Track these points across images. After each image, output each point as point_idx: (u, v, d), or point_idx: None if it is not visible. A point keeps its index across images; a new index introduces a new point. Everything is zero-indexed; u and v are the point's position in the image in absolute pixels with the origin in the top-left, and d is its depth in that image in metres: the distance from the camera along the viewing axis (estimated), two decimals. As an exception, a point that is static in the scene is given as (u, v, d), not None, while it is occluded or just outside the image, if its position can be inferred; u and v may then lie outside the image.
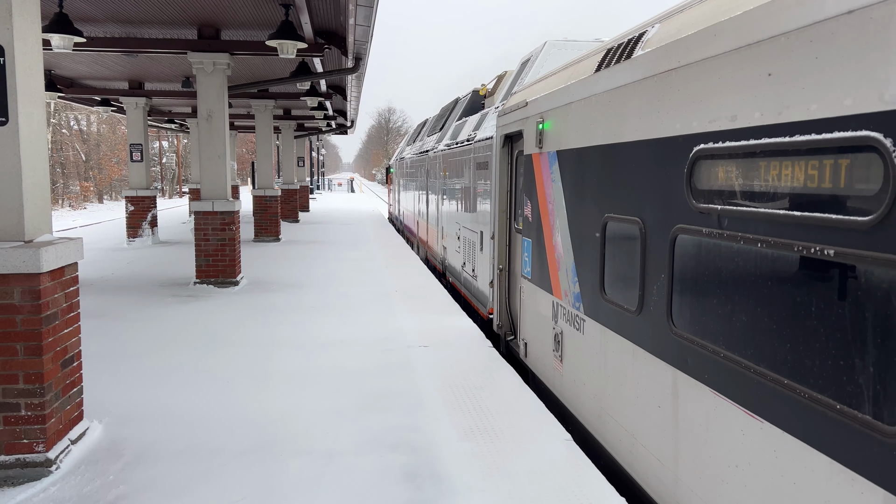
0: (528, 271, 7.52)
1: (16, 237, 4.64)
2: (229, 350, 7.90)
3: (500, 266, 9.06)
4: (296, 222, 27.43)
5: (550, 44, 10.38)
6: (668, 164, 4.12)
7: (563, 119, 6.25)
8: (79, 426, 5.20)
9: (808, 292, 2.95)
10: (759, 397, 3.24)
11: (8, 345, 4.55)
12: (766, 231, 3.20)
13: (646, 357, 4.47)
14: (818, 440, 2.86)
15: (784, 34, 3.05)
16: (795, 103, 2.99)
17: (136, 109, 19.65)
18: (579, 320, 5.84)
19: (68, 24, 9.93)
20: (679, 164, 3.97)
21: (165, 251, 17.93)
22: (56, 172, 48.61)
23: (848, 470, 2.68)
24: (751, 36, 3.31)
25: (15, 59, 4.52)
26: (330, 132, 35.19)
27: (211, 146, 12.13)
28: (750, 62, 3.32)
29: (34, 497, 4.37)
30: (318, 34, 11.85)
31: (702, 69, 3.76)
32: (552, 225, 6.59)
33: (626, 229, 4.83)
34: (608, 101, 5.16)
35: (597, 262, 5.38)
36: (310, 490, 4.45)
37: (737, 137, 3.40)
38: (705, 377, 3.72)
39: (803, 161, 2.98)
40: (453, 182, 13.83)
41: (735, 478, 3.44)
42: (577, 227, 5.88)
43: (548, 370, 6.82)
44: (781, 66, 3.07)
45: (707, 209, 3.68)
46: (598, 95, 5.36)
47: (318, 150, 69.09)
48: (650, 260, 4.40)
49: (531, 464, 4.86)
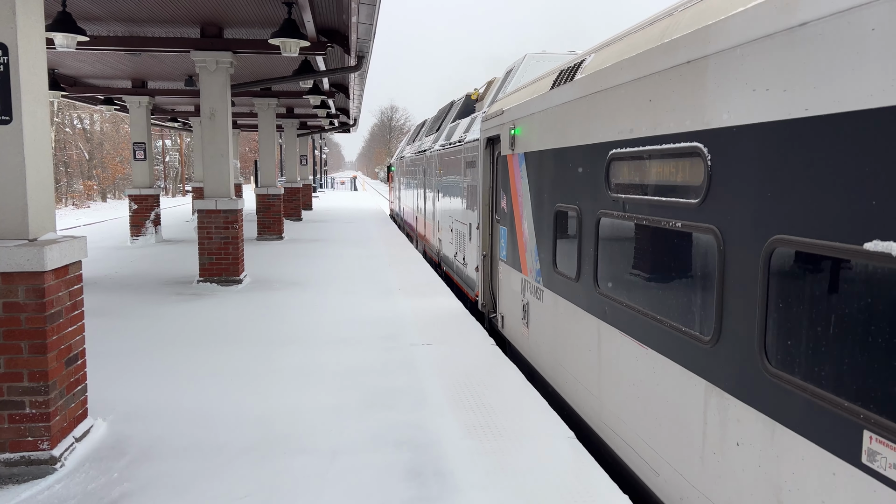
0: (504, 255, 8.86)
1: (20, 236, 4.65)
2: (233, 348, 7.92)
3: (484, 252, 10.25)
4: (299, 220, 27.46)
5: (530, 56, 11.65)
6: (595, 163, 5.44)
7: (529, 126, 7.50)
8: (83, 424, 5.22)
9: (669, 254, 4.32)
10: (644, 331, 4.56)
11: (12, 343, 4.56)
12: (647, 212, 4.50)
13: (582, 314, 5.83)
14: (672, 353, 4.20)
15: (658, 72, 4.36)
16: (664, 121, 4.28)
17: (139, 108, 19.68)
18: (539, 291, 7.21)
19: (71, 23, 9.95)
20: (600, 164, 5.29)
21: (169, 249, 17.97)
22: (59, 171, 48.73)
23: (688, 371, 4.01)
24: (639, 72, 4.61)
25: (19, 58, 4.53)
26: (333, 130, 35.20)
27: (214, 145, 12.14)
28: (640, 90, 4.62)
29: (39, 494, 4.39)
30: (320, 32, 11.85)
31: (614, 93, 5.06)
32: (521, 215, 7.84)
33: (569, 215, 6.16)
34: (558, 113, 6.43)
35: (551, 243, 6.72)
36: (314, 487, 4.46)
37: (633, 144, 4.70)
38: (616, 322, 5.06)
39: (667, 162, 4.34)
40: (447, 179, 15.02)
41: (634, 393, 4.74)
42: (539, 216, 7.17)
43: (519, 336, 8.20)
44: (656, 95, 4.38)
45: (617, 197, 5.00)
46: (552, 108, 6.63)
47: (320, 148, 69.13)
48: (584, 238, 5.72)
49: (535, 461, 4.87)
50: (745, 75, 3.44)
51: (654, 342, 4.44)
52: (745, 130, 3.45)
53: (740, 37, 3.48)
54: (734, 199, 3.54)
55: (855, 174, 2.74)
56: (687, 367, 4.03)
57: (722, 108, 3.65)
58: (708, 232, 3.76)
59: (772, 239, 3.22)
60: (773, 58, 3.22)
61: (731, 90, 3.57)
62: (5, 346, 4.56)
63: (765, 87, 3.29)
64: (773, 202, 3.23)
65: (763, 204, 3.31)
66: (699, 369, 3.90)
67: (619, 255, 5.12)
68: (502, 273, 9.02)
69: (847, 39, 2.77)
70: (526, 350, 7.81)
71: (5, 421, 4.62)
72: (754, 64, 3.37)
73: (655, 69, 4.37)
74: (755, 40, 3.36)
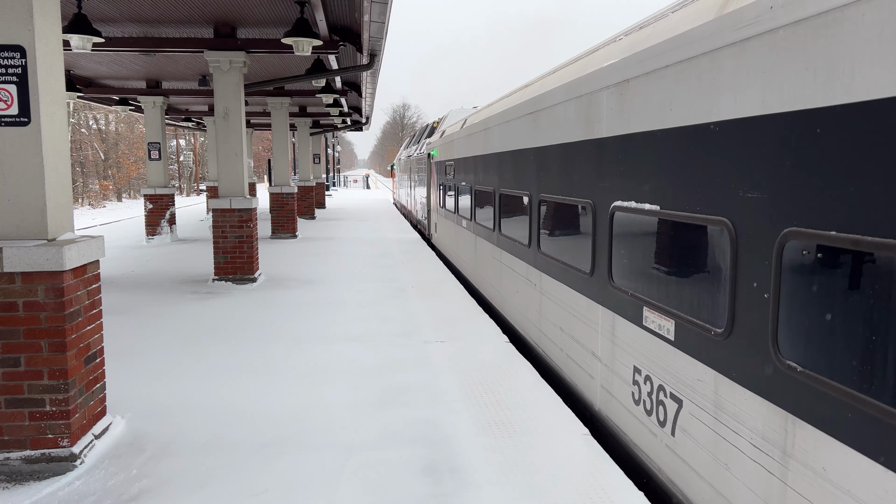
0: (433, 206, 18.95)
1: (39, 236, 4.71)
2: (248, 345, 7.98)
3: (429, 208, 20.12)
4: (312, 219, 27.56)
5: (453, 111, 20.43)
6: (454, 167, 12.73)
7: (438, 150, 16.70)
8: (102, 421, 5.28)
9: (483, 200, 10.27)
10: (466, 222, 10.92)
11: (33, 341, 4.63)
12: (468, 181, 10.23)
13: (448, 223, 12.74)
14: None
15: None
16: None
17: (153, 108, 19.83)
18: (439, 216, 16.92)
19: (87, 25, 10.05)
20: (455, 166, 11.79)
21: (184, 248, 18.10)
22: (76, 171, 49.20)
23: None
24: (486, 125, 9.27)
25: (37, 60, 4.58)
26: (345, 129, 35.27)
27: (228, 144, 12.22)
28: (485, 134, 10.07)
29: (60, 491, 4.45)
30: (332, 31, 11.89)
31: (475, 136, 10.59)
32: (435, 188, 17.73)
33: (447, 186, 14.68)
34: (448, 144, 14.49)
35: (442, 198, 16.15)
36: (330, 483, 4.50)
37: (473, 158, 10.85)
38: (458, 220, 12.23)
39: (484, 162, 9.81)
40: (418, 175, 24.48)
41: (469, 254, 11.20)
42: (439, 188, 16.57)
43: (435, 239, 18.30)
44: (492, 135, 9.28)
45: (458, 181, 11.98)
46: (446, 143, 15.01)
47: (333, 146, 69.28)
48: (448, 195, 12.56)
49: (549, 458, 4.87)
50: (526, 126, 7.92)
51: (469, 225, 11.06)
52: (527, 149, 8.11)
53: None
54: (501, 178, 8.78)
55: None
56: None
57: (508, 140, 8.72)
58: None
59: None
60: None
61: (515, 132, 8.39)
62: (26, 344, 4.63)
63: (523, 133, 8.35)
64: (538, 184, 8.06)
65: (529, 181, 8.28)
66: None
67: (462, 200, 12.51)
68: (431, 213, 19.80)
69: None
70: (438, 244, 17.83)
71: (26, 418, 4.69)
72: (520, 124, 8.25)
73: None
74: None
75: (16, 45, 4.55)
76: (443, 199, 16.05)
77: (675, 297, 4.31)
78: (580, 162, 6.08)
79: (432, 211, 19.14)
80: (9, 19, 4.53)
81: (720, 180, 3.74)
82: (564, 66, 7.09)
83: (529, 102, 7.68)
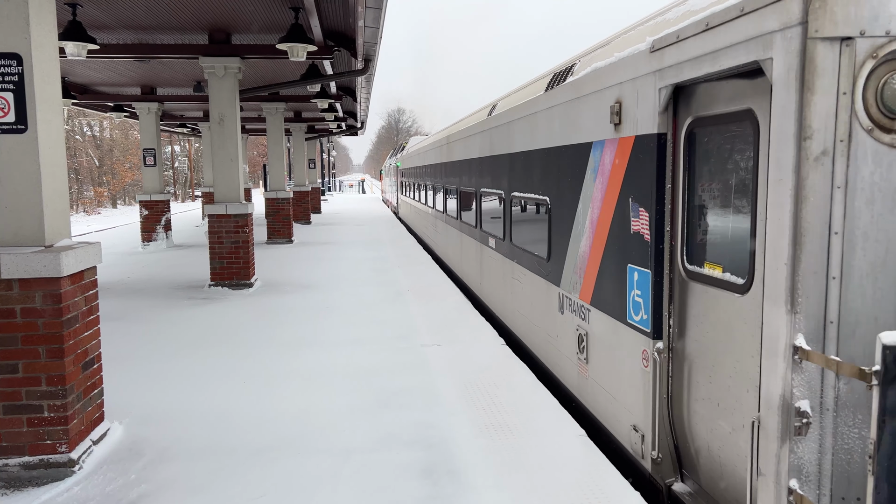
0: (401, 195, 31.92)
1: (36, 242, 4.73)
2: (245, 350, 7.99)
3: (398, 197, 33.58)
4: (308, 224, 27.57)
5: (413, 139, 33.07)
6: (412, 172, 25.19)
7: (402, 162, 30.67)
8: (100, 427, 5.29)
9: (426, 188, 19.81)
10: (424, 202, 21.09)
11: (30, 348, 4.64)
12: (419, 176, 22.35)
13: (408, 201, 27.73)
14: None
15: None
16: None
17: (148, 114, 19.83)
18: (402, 200, 31.26)
19: (82, 32, 10.06)
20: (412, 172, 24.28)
21: (180, 254, 18.10)
22: (70, 178, 49.04)
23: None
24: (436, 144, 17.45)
25: (33, 68, 4.60)
26: (340, 133, 35.30)
27: (223, 150, 12.23)
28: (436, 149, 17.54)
29: (58, 496, 4.46)
30: (327, 37, 11.93)
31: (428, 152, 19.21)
32: (400, 185, 32.09)
33: (404, 183, 29.73)
34: (409, 158, 26.20)
35: (400, 190, 32.48)
36: (328, 486, 4.51)
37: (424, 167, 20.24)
38: (409, 196, 26.79)
39: (423, 170, 20.89)
40: (393, 177, 37.09)
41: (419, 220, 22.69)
42: (404, 186, 29.79)
43: (402, 213, 31.94)
44: (439, 152, 16.97)
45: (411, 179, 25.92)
46: (408, 156, 26.90)
47: (328, 151, 69.28)
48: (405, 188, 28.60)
49: (547, 459, 4.90)
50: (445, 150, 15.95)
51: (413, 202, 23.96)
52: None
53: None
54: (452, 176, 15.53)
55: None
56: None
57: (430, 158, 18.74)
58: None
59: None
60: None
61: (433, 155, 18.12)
62: (23, 350, 4.64)
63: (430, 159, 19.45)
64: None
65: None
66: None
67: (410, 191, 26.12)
68: (399, 201, 33.18)
69: None
70: (403, 217, 30.46)
71: (24, 425, 4.69)
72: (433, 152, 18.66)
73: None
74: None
75: (13, 52, 4.58)
76: (403, 191, 30.02)
77: None
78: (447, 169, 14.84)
79: (399, 197, 32.90)
80: (6, 28, 4.55)
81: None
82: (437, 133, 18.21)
83: (436, 142, 16.79)
